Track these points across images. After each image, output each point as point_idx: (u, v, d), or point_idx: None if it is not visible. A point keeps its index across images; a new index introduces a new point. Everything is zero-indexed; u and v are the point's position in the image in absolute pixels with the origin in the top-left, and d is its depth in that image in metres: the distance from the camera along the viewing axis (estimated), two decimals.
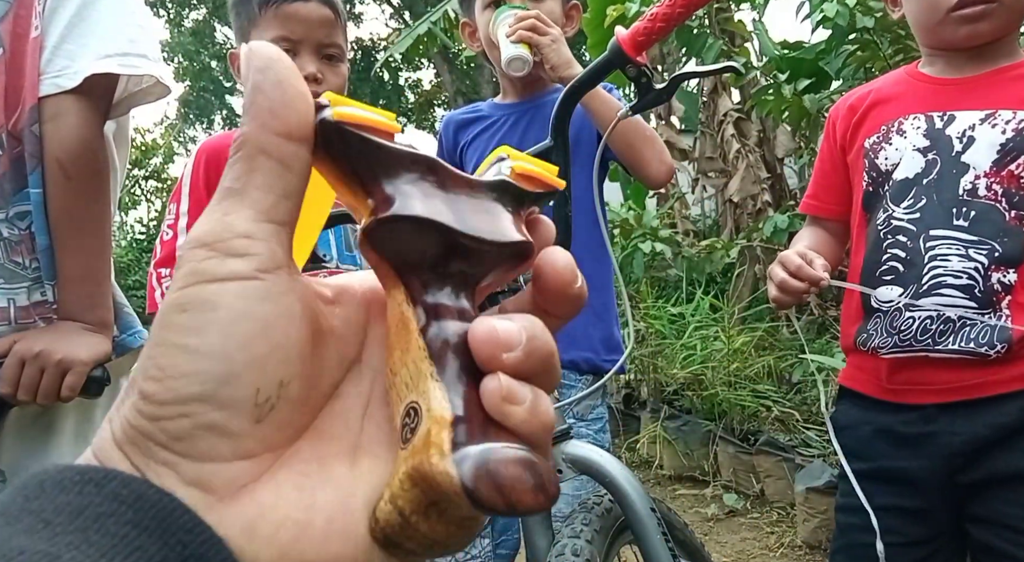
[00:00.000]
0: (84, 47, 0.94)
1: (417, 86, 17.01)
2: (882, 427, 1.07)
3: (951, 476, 1.03)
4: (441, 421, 0.20)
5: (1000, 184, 1.00)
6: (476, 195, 0.24)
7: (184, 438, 0.19)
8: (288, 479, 0.21)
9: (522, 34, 1.20)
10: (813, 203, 1.23)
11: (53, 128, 0.91)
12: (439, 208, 0.23)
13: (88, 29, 0.95)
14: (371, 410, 0.24)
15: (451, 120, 1.47)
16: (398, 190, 0.22)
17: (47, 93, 0.91)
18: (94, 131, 0.95)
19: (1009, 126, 1.00)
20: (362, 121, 0.22)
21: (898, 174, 1.07)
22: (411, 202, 0.22)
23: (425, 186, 0.23)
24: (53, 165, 0.92)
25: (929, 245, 1.02)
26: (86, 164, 0.94)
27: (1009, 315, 0.98)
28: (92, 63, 0.93)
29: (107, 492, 0.18)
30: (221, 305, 0.20)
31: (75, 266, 0.94)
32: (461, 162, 1.43)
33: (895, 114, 1.10)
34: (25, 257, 0.95)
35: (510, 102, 1.43)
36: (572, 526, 0.86)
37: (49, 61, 0.92)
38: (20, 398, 0.88)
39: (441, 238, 0.22)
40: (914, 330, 1.03)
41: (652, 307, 3.64)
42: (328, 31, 1.26)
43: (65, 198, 0.93)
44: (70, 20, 0.94)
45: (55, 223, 0.93)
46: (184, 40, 16.92)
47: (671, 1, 0.74)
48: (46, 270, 0.96)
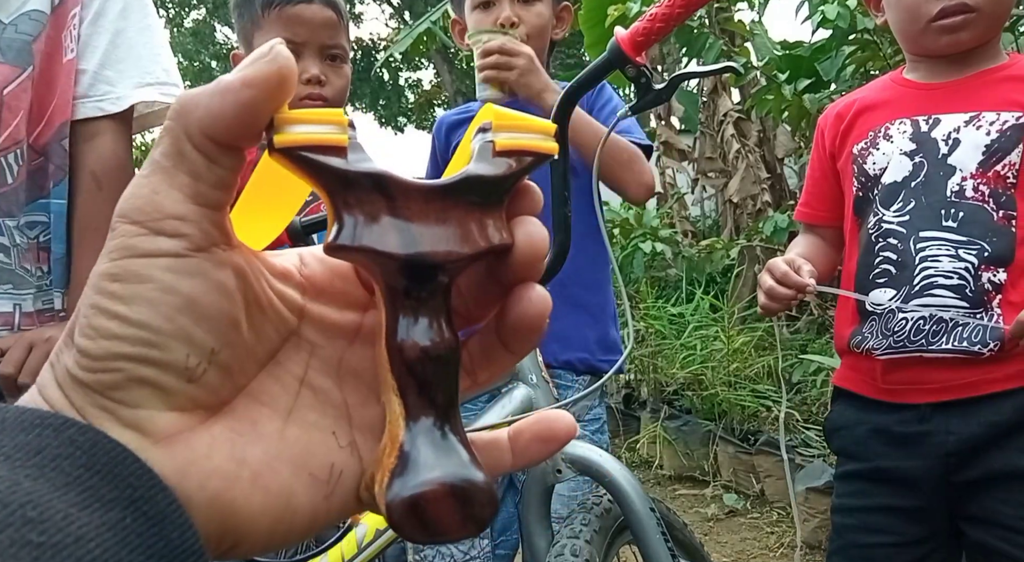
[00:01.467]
0: (122, 74, 1.02)
1: (417, 86, 17.01)
2: (877, 427, 1.08)
3: (946, 475, 1.03)
4: (393, 442, 0.22)
5: (987, 185, 1.01)
6: (432, 204, 0.23)
7: (118, 388, 0.21)
8: (222, 434, 0.22)
9: (488, 74, 1.18)
10: (806, 211, 1.25)
11: (91, 147, 0.99)
12: (383, 231, 0.22)
13: (124, 55, 1.03)
14: (309, 377, 0.25)
15: (444, 121, 1.46)
16: (345, 213, 0.22)
17: (90, 115, 1.00)
18: (127, 150, 1.04)
19: (993, 127, 1.02)
20: (305, 141, 0.22)
21: (886, 178, 1.08)
22: (355, 229, 0.22)
23: (373, 206, 0.22)
24: (87, 177, 0.99)
25: (919, 246, 1.03)
26: (118, 177, 1.00)
27: (1000, 314, 0.99)
28: (133, 91, 1.02)
29: (64, 437, 0.19)
30: (149, 278, 0.21)
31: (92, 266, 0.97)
32: None
33: (882, 120, 1.11)
34: (32, 265, 0.99)
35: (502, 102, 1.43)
36: (571, 526, 0.86)
37: (91, 85, 1.00)
38: (22, 381, 0.87)
39: (387, 262, 0.22)
40: (907, 331, 1.03)
41: (652, 307, 3.64)
42: (331, 33, 1.27)
43: (95, 205, 0.99)
44: (107, 47, 1.02)
45: (80, 229, 0.99)
46: (184, 40, 16.92)
47: (671, 1, 0.74)
48: (58, 279, 1.01)
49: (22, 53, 0.95)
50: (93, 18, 1.01)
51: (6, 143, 0.95)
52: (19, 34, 0.94)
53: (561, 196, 0.88)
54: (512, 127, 0.24)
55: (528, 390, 0.90)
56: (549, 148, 0.25)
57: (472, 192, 0.23)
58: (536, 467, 0.91)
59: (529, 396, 0.90)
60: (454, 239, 0.23)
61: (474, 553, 1.19)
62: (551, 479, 0.90)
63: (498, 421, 0.87)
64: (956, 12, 1.01)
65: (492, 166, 0.24)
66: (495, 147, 0.24)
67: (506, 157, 0.24)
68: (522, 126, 0.25)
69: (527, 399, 0.90)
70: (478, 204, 0.24)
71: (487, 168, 0.24)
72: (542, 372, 0.92)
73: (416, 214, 0.23)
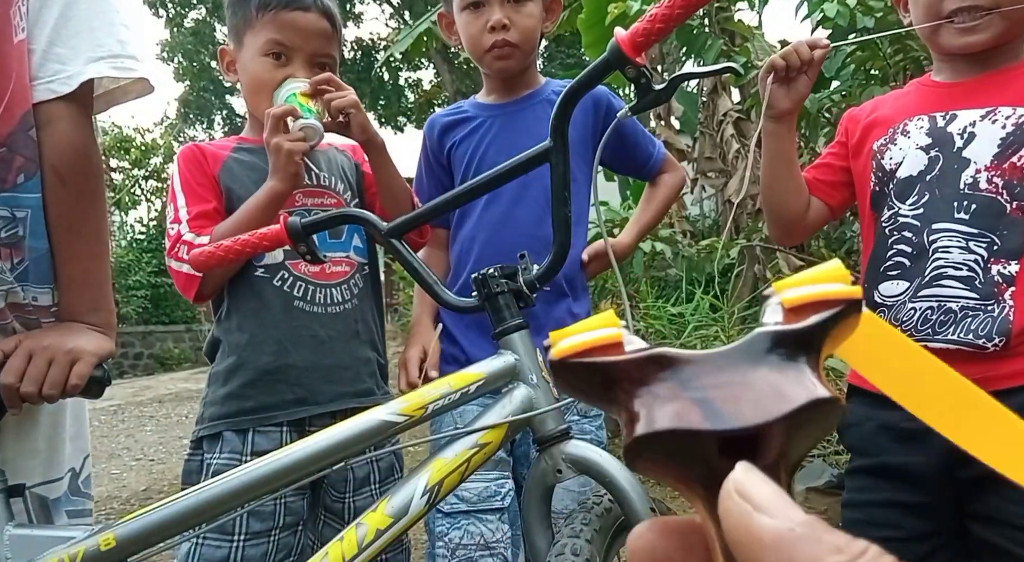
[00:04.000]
0: (74, 50, 0.93)
1: (417, 86, 17.01)
2: (885, 423, 1.09)
3: (950, 471, 1.03)
4: None
5: (1001, 176, 1.02)
6: (729, 371, 0.20)
7: None
8: None
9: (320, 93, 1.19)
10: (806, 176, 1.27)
11: (47, 134, 0.91)
12: (685, 408, 0.20)
13: (75, 30, 0.93)
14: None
15: (435, 122, 1.44)
16: (640, 403, 0.20)
17: (41, 99, 0.90)
18: (87, 135, 0.95)
19: (1009, 121, 1.03)
20: (583, 347, 0.21)
21: (902, 172, 1.10)
22: (654, 414, 0.20)
23: (666, 387, 0.20)
24: (49, 171, 0.91)
25: (932, 238, 1.05)
26: (80, 169, 0.94)
27: (1013, 306, 0.99)
28: (84, 67, 0.92)
29: None
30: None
31: (76, 270, 0.95)
32: (449, 165, 1.40)
33: (901, 117, 1.14)
34: (1, 260, 0.93)
35: (495, 102, 1.41)
36: (572, 526, 0.86)
37: (40, 66, 0.91)
38: (24, 390, 0.86)
39: (699, 442, 0.19)
40: (915, 320, 1.04)
41: (652, 307, 3.64)
42: (323, 42, 1.27)
43: (62, 204, 0.93)
44: (56, 22, 0.92)
45: (54, 229, 0.94)
46: (184, 40, 16.91)
47: (671, 1, 0.74)
48: (38, 275, 0.95)
49: None
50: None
51: None
52: None
53: (561, 196, 0.88)
54: (799, 282, 0.22)
55: (528, 390, 0.90)
56: (851, 293, 0.21)
57: (778, 346, 0.21)
58: (537, 467, 0.92)
59: (529, 396, 0.90)
60: (765, 402, 0.19)
61: (499, 535, 1.20)
62: (551, 479, 0.90)
63: (498, 421, 0.87)
64: (970, 15, 1.03)
65: (789, 322, 0.21)
66: (784, 307, 0.21)
67: (803, 312, 0.21)
68: (812, 277, 0.22)
69: (527, 399, 0.90)
70: (781, 362, 0.21)
71: (782, 324, 0.21)
72: (542, 372, 0.92)
73: (715, 382, 0.20)
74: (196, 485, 0.83)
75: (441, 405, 0.87)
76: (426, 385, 0.90)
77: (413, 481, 0.84)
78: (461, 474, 0.85)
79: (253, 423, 1.18)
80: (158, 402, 6.89)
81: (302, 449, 0.83)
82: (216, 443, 1.18)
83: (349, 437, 0.83)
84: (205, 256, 0.96)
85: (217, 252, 0.96)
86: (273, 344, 1.20)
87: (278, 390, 1.19)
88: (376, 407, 0.87)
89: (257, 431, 1.18)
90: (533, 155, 0.87)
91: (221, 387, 1.20)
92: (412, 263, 0.95)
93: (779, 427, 0.19)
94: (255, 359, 1.19)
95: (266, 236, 0.95)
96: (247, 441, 1.17)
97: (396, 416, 0.85)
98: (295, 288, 1.22)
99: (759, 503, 0.17)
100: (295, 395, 1.19)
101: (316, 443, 0.83)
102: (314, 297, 1.23)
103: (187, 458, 1.21)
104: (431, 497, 0.83)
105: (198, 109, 18.08)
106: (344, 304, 1.25)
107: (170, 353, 10.60)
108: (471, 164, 1.36)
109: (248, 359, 1.20)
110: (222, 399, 1.19)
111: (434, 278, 0.97)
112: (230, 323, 1.23)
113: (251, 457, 1.15)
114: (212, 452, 1.18)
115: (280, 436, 1.19)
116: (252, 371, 1.19)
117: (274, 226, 0.96)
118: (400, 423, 0.85)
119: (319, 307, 1.23)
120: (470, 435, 0.86)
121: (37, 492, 0.98)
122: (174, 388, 7.85)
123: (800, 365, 0.20)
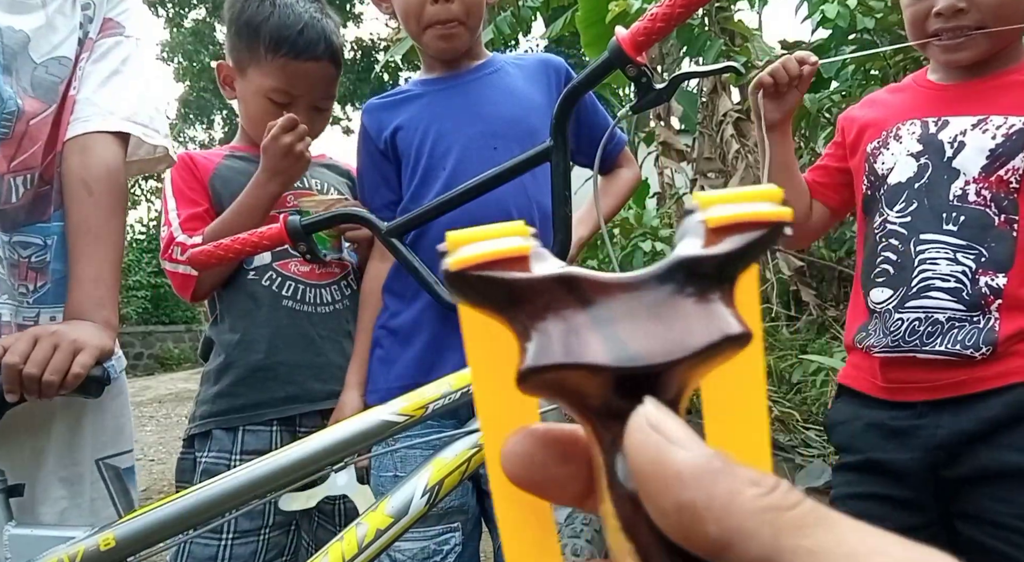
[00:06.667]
0: (113, 103, 1.05)
1: None
2: (873, 422, 1.10)
3: (935, 469, 1.04)
4: None
5: (989, 189, 1.02)
6: (639, 299, 0.19)
7: None
8: None
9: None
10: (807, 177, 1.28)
11: (81, 159, 1.02)
12: (586, 341, 0.18)
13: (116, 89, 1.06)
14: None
15: (372, 106, 1.30)
16: (536, 330, 0.19)
17: (78, 133, 1.02)
18: (118, 161, 1.05)
19: (999, 131, 1.03)
20: (484, 258, 0.19)
21: (892, 178, 1.10)
22: (549, 346, 0.18)
23: (569, 315, 0.19)
24: (77, 185, 1.01)
25: (919, 249, 1.05)
26: (108, 183, 1.02)
27: (998, 318, 1.00)
28: (120, 122, 1.05)
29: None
30: None
31: (89, 269, 0.99)
32: (393, 153, 1.25)
33: (895, 120, 1.13)
34: (17, 280, 1.01)
35: (438, 77, 1.29)
36: (572, 526, 0.86)
37: (81, 108, 1.04)
38: (27, 371, 0.86)
39: (596, 377, 0.18)
40: (903, 331, 1.05)
41: None
42: (327, 87, 1.30)
43: (87, 209, 1.01)
44: (101, 82, 1.06)
45: (74, 233, 1.00)
46: (184, 40, 16.91)
47: (671, 1, 0.74)
48: (59, 295, 1.02)
49: (50, 92, 1.02)
50: (95, 58, 1.07)
51: (19, 167, 0.99)
52: (49, 75, 1.02)
53: (561, 196, 0.88)
54: (723, 199, 0.20)
55: None
56: (781, 215, 0.20)
57: (692, 275, 0.19)
58: None
59: None
60: (673, 336, 0.18)
61: None
62: None
63: None
64: (951, 35, 1.04)
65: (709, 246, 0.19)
66: (707, 225, 0.20)
67: (726, 234, 0.19)
68: (737, 198, 0.20)
69: None
70: (694, 292, 0.19)
71: (702, 249, 0.19)
72: None
73: (622, 313, 0.19)
74: (190, 484, 0.83)
75: (441, 405, 0.87)
76: (426, 385, 0.90)
77: (413, 481, 0.84)
78: (461, 474, 0.85)
79: (243, 421, 1.19)
80: (158, 402, 6.90)
81: (303, 448, 0.83)
82: (206, 441, 1.19)
83: (349, 437, 0.84)
84: (205, 254, 0.96)
85: (217, 251, 0.96)
86: (263, 342, 1.21)
87: (268, 387, 1.19)
88: (376, 407, 0.87)
89: (247, 430, 1.18)
90: (533, 155, 0.87)
91: (212, 386, 1.21)
92: (412, 263, 0.95)
93: (685, 364, 0.18)
94: (246, 357, 1.20)
95: (266, 235, 0.95)
96: (236, 440, 1.18)
97: (396, 416, 0.85)
98: (284, 288, 1.23)
99: (673, 436, 0.16)
100: (286, 392, 1.20)
101: (317, 442, 0.83)
102: (304, 296, 1.24)
103: (180, 456, 1.22)
104: (431, 497, 0.83)
105: (198, 109, 18.07)
106: (335, 304, 1.26)
107: (170, 353, 10.60)
108: (424, 142, 1.22)
109: (239, 357, 1.21)
110: (213, 398, 1.20)
111: (434, 278, 0.97)
112: (223, 324, 1.25)
113: (240, 456, 1.16)
114: (203, 450, 1.19)
115: (270, 436, 1.19)
116: (243, 369, 1.20)
117: (274, 225, 0.96)
118: (400, 423, 0.85)
119: (309, 306, 1.24)
120: (470, 435, 0.86)
121: (111, 463, 1.06)
122: (174, 388, 7.86)
123: (715, 295, 0.19)
